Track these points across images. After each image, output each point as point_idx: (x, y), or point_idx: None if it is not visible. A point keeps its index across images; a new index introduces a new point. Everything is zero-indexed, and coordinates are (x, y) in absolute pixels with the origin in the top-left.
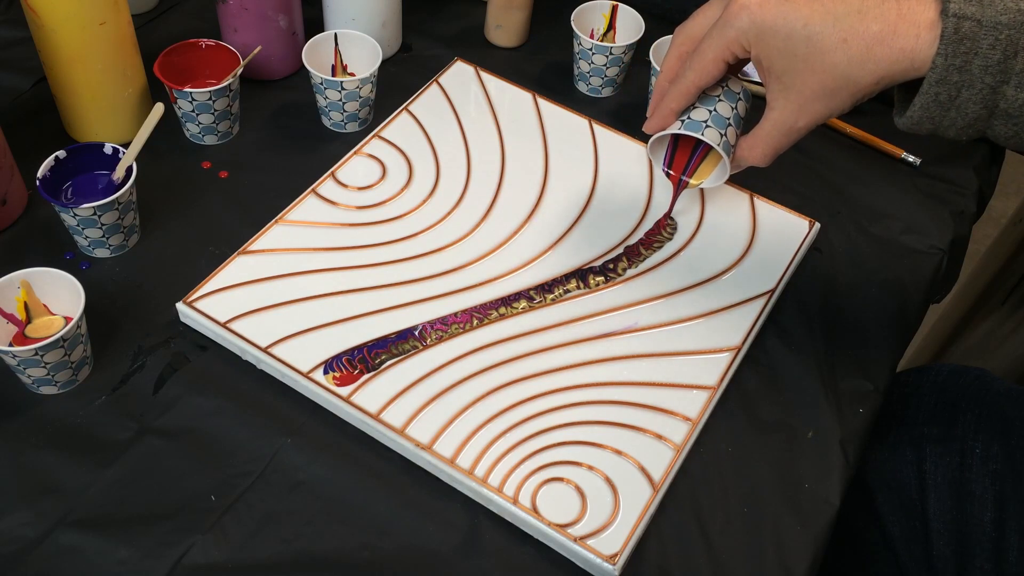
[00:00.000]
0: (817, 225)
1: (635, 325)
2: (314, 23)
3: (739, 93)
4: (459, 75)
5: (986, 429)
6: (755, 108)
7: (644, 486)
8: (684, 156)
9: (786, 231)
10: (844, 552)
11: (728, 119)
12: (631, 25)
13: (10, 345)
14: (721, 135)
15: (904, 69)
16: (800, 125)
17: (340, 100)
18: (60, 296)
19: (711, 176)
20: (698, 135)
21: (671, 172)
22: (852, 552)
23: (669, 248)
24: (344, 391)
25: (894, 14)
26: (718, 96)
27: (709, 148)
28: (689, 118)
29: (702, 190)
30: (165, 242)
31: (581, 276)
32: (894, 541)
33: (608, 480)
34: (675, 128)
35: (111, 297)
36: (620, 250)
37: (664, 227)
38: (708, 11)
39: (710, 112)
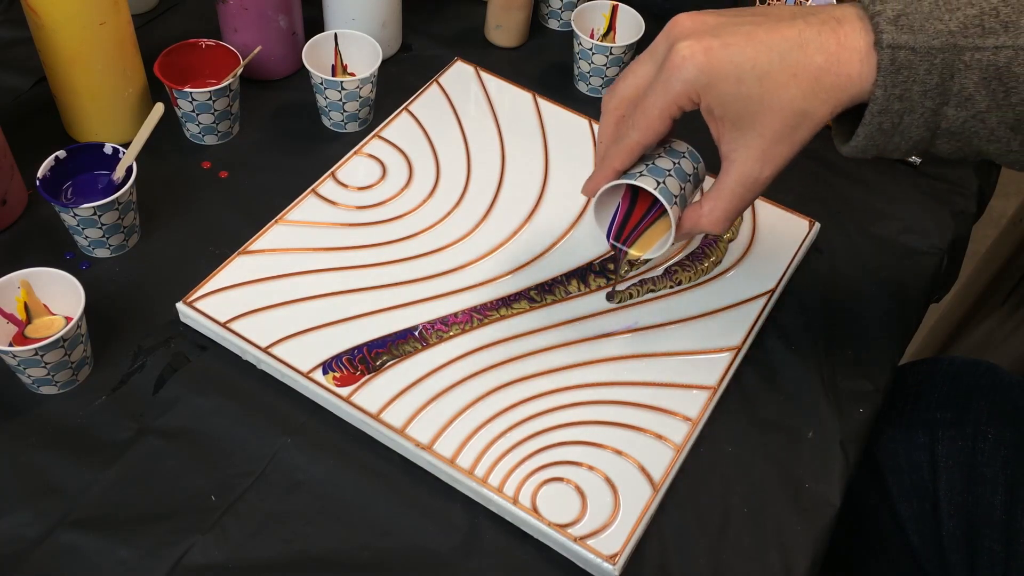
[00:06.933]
0: (817, 225)
1: (635, 325)
2: (314, 23)
3: (684, 152)
4: (459, 75)
5: (998, 416)
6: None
7: (644, 486)
8: (633, 224)
9: (786, 231)
10: (855, 532)
11: (667, 170)
12: (631, 25)
13: (10, 345)
14: (658, 182)
15: (853, 95)
16: (765, 175)
17: (340, 100)
18: (60, 296)
19: (657, 244)
20: (630, 182)
21: (616, 244)
22: (863, 532)
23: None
24: (344, 391)
25: (834, 43)
26: (658, 153)
27: (658, 215)
28: (625, 172)
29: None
30: (165, 242)
31: (581, 276)
32: (905, 522)
33: (608, 480)
34: (606, 184)
35: (111, 297)
36: None
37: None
38: (639, 70)
39: (647, 165)
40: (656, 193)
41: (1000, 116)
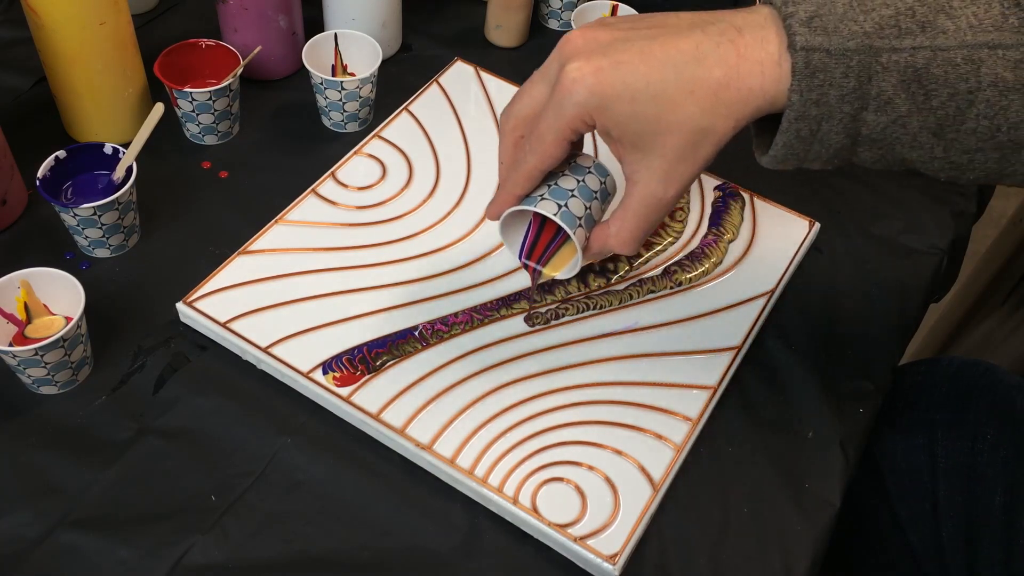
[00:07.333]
0: (817, 225)
1: (635, 325)
2: (314, 23)
3: (589, 168)
4: (459, 75)
5: (997, 417)
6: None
7: (644, 486)
8: (545, 244)
9: (786, 231)
10: (855, 532)
11: (571, 190)
12: None
13: (10, 345)
14: (560, 205)
15: (757, 107)
16: (670, 194)
17: (340, 100)
18: (60, 296)
19: (569, 264)
20: (531, 208)
21: (528, 262)
22: (862, 532)
23: (669, 248)
24: (344, 391)
25: (733, 56)
26: (562, 172)
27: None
28: (528, 196)
29: (701, 187)
30: (165, 242)
31: (581, 276)
32: (904, 522)
33: (608, 480)
34: (509, 209)
35: (111, 297)
36: None
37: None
38: (532, 90)
39: (549, 187)
40: (557, 219)
41: (921, 121)
